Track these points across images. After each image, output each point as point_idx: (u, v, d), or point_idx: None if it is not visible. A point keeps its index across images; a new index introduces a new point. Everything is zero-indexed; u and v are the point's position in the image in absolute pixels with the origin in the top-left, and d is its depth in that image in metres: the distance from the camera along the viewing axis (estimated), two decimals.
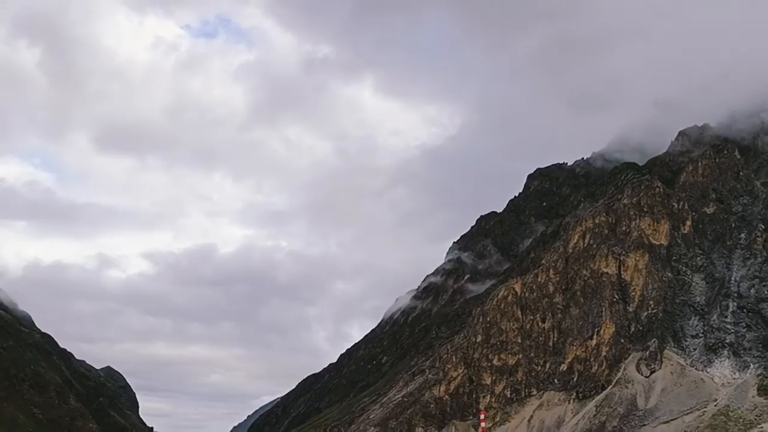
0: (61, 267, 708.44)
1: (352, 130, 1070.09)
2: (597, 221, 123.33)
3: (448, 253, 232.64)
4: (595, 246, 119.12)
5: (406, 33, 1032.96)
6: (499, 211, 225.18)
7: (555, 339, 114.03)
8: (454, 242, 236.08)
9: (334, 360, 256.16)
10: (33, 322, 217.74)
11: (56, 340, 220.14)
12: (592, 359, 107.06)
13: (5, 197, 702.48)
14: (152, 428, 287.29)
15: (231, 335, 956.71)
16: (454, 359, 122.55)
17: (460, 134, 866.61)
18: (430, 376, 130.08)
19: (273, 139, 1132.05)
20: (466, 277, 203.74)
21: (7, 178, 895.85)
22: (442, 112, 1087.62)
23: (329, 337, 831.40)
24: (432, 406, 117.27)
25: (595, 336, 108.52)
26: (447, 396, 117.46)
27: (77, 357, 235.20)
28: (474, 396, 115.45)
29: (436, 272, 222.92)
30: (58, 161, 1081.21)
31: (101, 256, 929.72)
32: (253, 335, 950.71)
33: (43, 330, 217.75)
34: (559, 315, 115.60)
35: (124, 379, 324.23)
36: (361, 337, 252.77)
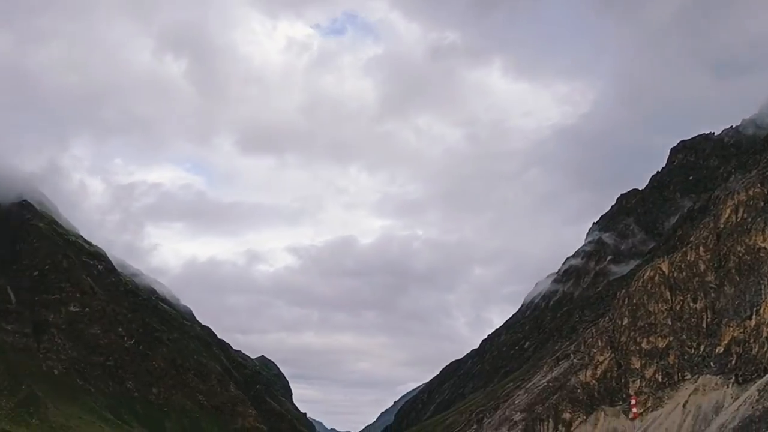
0: (215, 263, 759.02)
1: (482, 115, 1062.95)
2: (751, 193, 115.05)
3: (588, 235, 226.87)
4: (750, 220, 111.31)
5: (532, 11, 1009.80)
6: (640, 188, 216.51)
7: (709, 320, 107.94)
8: (594, 223, 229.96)
9: (476, 346, 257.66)
10: (194, 315, 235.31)
11: (215, 331, 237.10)
12: (752, 340, 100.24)
13: (164, 201, 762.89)
14: (305, 414, 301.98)
15: (374, 324, 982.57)
16: (599, 343, 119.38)
17: (594, 111, 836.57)
18: (575, 360, 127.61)
19: (404, 129, 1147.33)
20: (608, 259, 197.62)
21: (164, 183, 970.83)
22: (574, 89, 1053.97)
23: (470, 323, 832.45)
24: (579, 391, 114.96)
25: (754, 316, 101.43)
26: (594, 381, 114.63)
27: (234, 347, 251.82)
28: (623, 381, 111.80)
29: (576, 254, 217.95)
30: (207, 164, 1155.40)
31: (250, 251, 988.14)
32: (395, 323, 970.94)
33: (203, 322, 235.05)
34: (713, 294, 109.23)
35: (278, 368, 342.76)
36: (502, 323, 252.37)
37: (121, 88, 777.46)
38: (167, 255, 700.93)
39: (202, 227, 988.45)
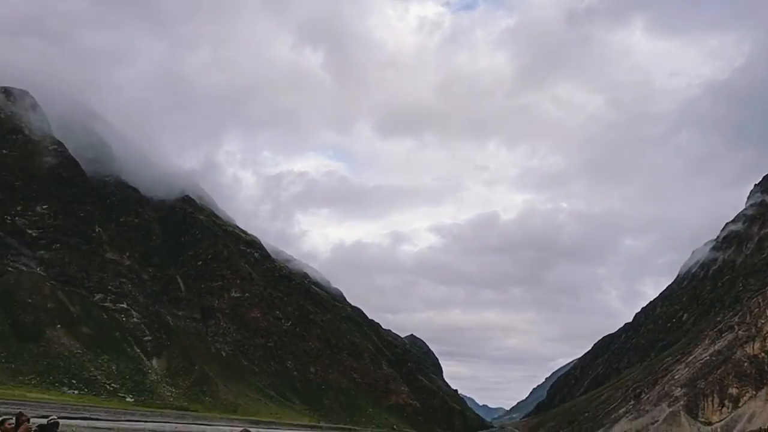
0: (361, 246, 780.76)
1: (625, 78, 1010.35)
2: None
3: (749, 197, 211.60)
4: None
5: None
6: None
7: None
8: (755, 184, 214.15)
9: (630, 319, 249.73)
10: (344, 297, 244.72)
11: (365, 312, 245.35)
12: None
13: (310, 189, 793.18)
14: (456, 390, 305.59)
15: (521, 299, 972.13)
16: None
17: (749, 63, 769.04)
18: (740, 332, 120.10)
19: (542, 100, 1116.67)
20: None
21: (309, 172, 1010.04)
22: (726, 41, 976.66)
23: (622, 296, 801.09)
24: (746, 364, 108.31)
25: None
26: (763, 353, 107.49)
27: (384, 327, 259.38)
28: None
29: (736, 219, 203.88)
30: (348, 150, 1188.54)
31: (394, 233, 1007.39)
32: (543, 298, 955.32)
33: (353, 304, 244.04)
34: None
35: (427, 346, 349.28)
36: (657, 295, 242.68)
37: (265, 83, 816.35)
38: (316, 240, 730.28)
39: (347, 211, 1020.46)
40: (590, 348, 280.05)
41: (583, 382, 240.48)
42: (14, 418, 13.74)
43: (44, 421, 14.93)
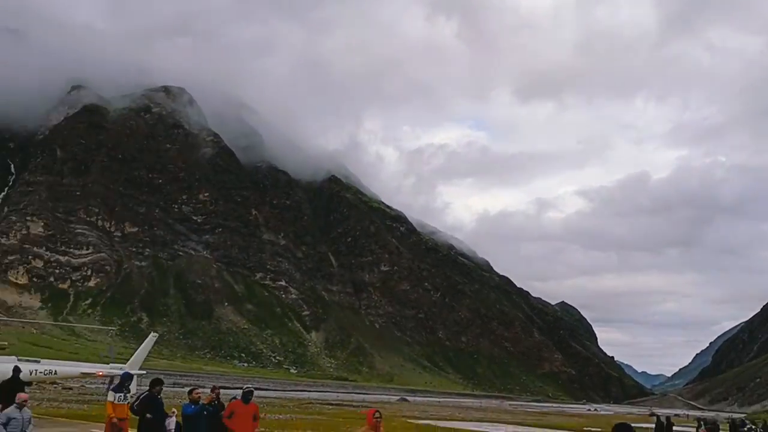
0: (506, 215, 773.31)
1: None
2: None
3: None
4: None
5: None
6: None
7: None
8: None
9: None
10: (491, 266, 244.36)
11: (513, 280, 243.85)
12: None
13: (451, 160, 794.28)
14: (613, 357, 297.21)
15: (678, 261, 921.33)
16: None
17: None
18: None
19: (693, 48, 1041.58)
20: None
21: (450, 143, 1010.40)
22: None
23: None
24: None
25: None
26: None
27: (533, 295, 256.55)
28: None
29: None
30: (487, 119, 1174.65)
31: (539, 200, 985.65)
32: (702, 259, 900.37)
33: (500, 273, 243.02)
34: None
35: (579, 313, 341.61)
36: None
37: (401, 59, 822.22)
38: (460, 211, 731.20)
39: (489, 181, 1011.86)
40: (759, 310, 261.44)
41: (753, 347, 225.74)
42: (209, 390, 16.23)
43: (234, 393, 17.33)
